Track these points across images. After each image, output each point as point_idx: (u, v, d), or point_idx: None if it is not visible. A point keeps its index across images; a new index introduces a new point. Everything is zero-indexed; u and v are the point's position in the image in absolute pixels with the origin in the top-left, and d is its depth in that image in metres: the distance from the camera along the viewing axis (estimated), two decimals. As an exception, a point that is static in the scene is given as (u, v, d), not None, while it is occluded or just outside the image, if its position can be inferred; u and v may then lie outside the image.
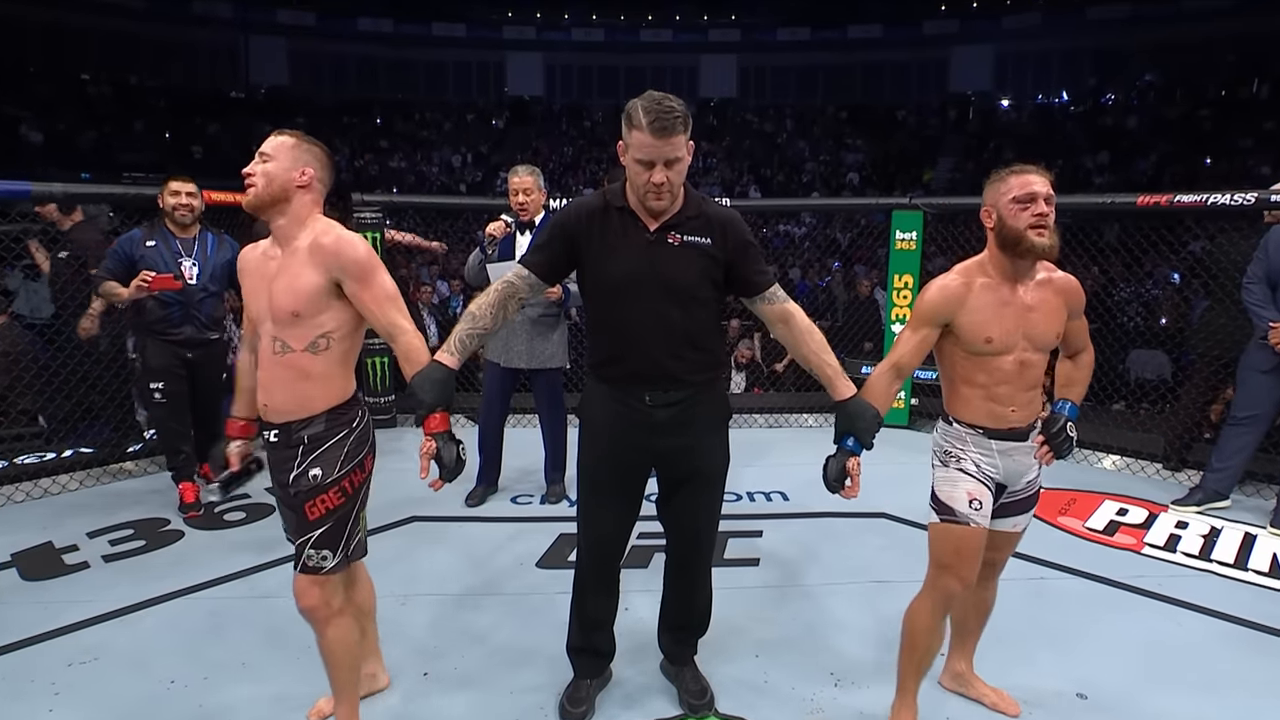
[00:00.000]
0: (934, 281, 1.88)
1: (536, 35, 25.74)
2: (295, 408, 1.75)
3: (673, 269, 1.79)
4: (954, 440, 1.90)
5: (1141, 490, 3.86)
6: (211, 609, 2.61)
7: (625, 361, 1.85)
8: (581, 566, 2.07)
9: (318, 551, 1.77)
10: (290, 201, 1.75)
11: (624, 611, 2.21)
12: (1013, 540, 1.98)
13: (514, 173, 3.55)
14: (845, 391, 1.84)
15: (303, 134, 1.80)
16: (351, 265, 1.72)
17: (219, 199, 4.44)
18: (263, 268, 1.78)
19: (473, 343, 1.82)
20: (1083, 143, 18.72)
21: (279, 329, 1.74)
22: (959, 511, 1.84)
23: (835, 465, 1.83)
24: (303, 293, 1.71)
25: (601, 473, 1.96)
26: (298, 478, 1.75)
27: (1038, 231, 1.73)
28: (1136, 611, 2.66)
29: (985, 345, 1.80)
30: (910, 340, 1.88)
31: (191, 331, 3.41)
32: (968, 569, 1.86)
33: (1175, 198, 3.90)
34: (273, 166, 1.74)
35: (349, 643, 1.86)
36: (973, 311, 1.81)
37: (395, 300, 1.78)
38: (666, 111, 1.67)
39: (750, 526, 3.35)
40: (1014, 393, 1.84)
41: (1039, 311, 1.82)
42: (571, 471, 3.41)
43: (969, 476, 1.86)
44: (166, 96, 20.49)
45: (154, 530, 3.26)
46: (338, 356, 1.78)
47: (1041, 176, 1.75)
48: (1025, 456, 1.89)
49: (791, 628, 2.54)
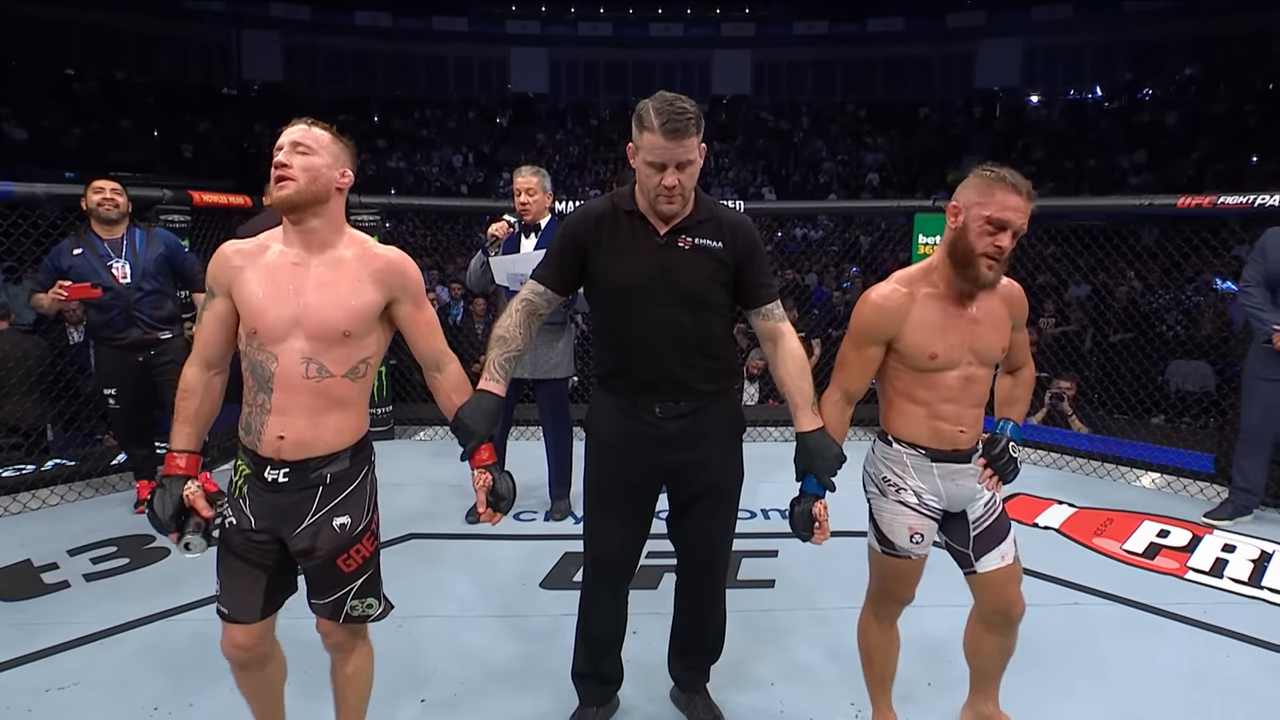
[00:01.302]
0: (872, 292, 1.82)
1: (541, 30, 25.91)
2: (319, 441, 1.60)
3: (684, 273, 1.80)
4: (893, 465, 1.87)
5: (1184, 510, 3.82)
6: (197, 631, 2.60)
7: (634, 371, 1.86)
8: (588, 587, 2.07)
9: (362, 601, 1.71)
10: (329, 203, 1.62)
11: (632, 635, 2.20)
12: (1012, 575, 1.89)
13: (518, 173, 3.58)
14: (808, 424, 1.83)
15: (330, 126, 1.68)
16: (414, 286, 1.68)
17: (211, 201, 4.48)
18: (280, 274, 1.59)
19: (511, 366, 1.86)
20: (1118, 141, 18.64)
21: (319, 350, 1.58)
22: (899, 546, 1.87)
23: (802, 511, 1.82)
24: (360, 311, 1.60)
25: (609, 488, 1.96)
26: (315, 528, 1.62)
27: (988, 263, 1.70)
28: (1180, 641, 2.63)
29: (929, 361, 1.77)
30: (855, 361, 1.84)
31: (138, 334, 3.48)
32: (908, 591, 1.95)
33: (1218, 199, 3.88)
34: (317, 161, 1.60)
35: (370, 668, 1.84)
36: (916, 325, 1.77)
37: (437, 328, 1.76)
38: (679, 113, 1.69)
39: (765, 546, 3.34)
40: (960, 411, 1.81)
41: (985, 324, 1.79)
42: (577, 487, 3.41)
43: (909, 510, 1.85)
44: (155, 93, 20.71)
45: (138, 548, 3.27)
46: (367, 385, 1.69)
47: (1025, 201, 1.69)
48: (969, 479, 1.86)
49: (809, 653, 2.53)
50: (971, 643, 2.02)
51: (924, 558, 1.90)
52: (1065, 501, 3.87)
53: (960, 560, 1.92)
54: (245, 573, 1.65)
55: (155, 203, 4.10)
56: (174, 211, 4.16)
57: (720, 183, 19.40)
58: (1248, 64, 18.84)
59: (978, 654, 2.01)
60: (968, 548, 1.89)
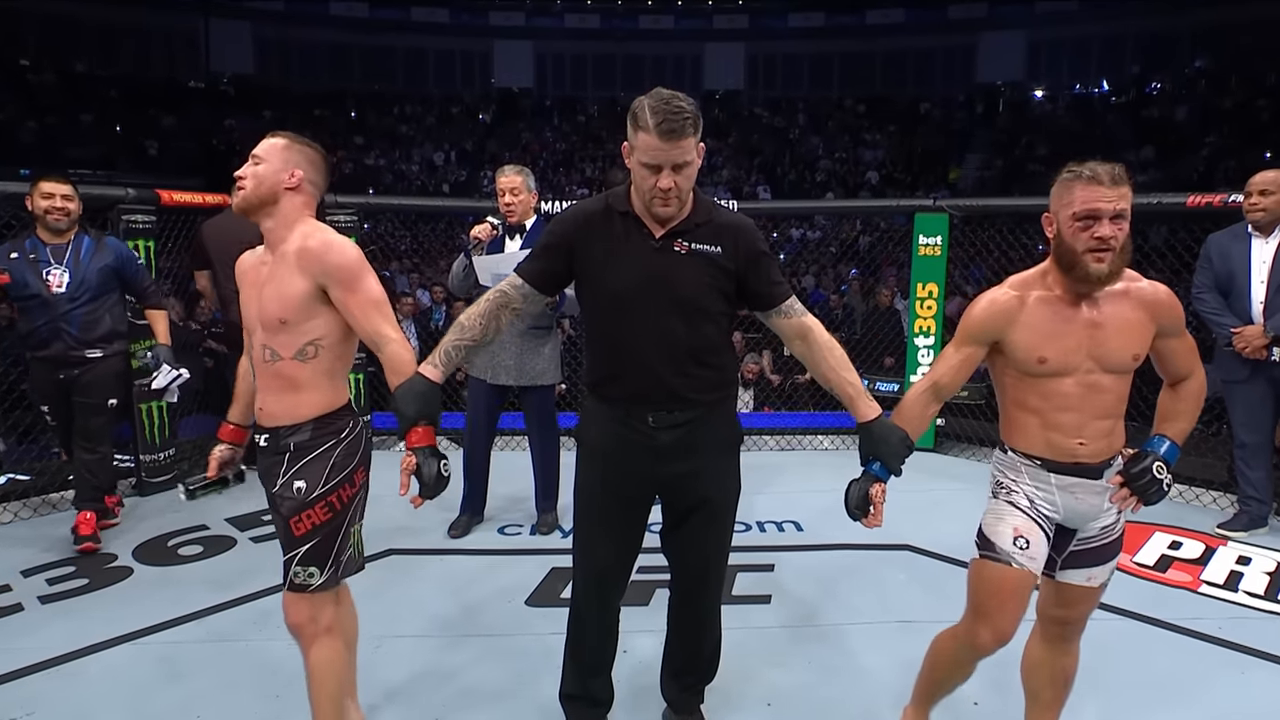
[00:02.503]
0: (984, 294, 1.84)
1: (526, 21, 25.94)
2: (284, 414, 1.86)
3: (679, 279, 1.80)
4: (1007, 470, 1.85)
5: (1196, 521, 3.85)
6: (162, 655, 2.58)
7: (626, 379, 1.86)
8: (576, 604, 2.07)
9: (304, 568, 1.85)
10: (279, 204, 1.85)
11: (623, 654, 2.20)
12: (1089, 596, 1.87)
13: (501, 172, 3.57)
14: (868, 412, 1.84)
15: (296, 135, 1.92)
16: (335, 270, 1.81)
17: (180, 199, 4.45)
18: (256, 274, 1.89)
19: (459, 355, 1.86)
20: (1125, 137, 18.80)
21: (268, 336, 1.84)
22: (1000, 548, 1.78)
23: (858, 490, 1.82)
24: (290, 299, 1.80)
25: (600, 500, 1.97)
26: (283, 488, 1.85)
27: (1096, 257, 1.66)
28: (1194, 658, 2.64)
29: (1039, 366, 1.74)
30: (952, 359, 1.84)
31: (61, 348, 3.34)
32: (1006, 619, 1.77)
33: (1230, 197, 3.91)
34: (263, 168, 1.84)
35: (336, 665, 1.92)
36: (1025, 328, 1.75)
37: (381, 307, 1.85)
38: (675, 112, 1.69)
39: (761, 560, 3.34)
40: (1081, 421, 1.75)
41: (1109, 328, 1.73)
42: (565, 499, 3.40)
43: (1018, 511, 1.80)
44: (117, 86, 20.55)
45: (97, 567, 3.24)
46: (326, 365, 1.87)
47: (1115, 188, 1.66)
48: (1095, 497, 1.79)
49: (807, 673, 2.53)
50: (1027, 657, 1.98)
51: (1028, 574, 1.77)
52: (1073, 512, 3.88)
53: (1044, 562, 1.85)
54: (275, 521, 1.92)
55: (117, 202, 4.05)
56: (138, 211, 4.11)
57: (713, 181, 19.45)
58: (1260, 55, 18.91)
59: (1031, 672, 1.97)
60: (1059, 555, 1.84)
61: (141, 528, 3.66)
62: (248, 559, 3.36)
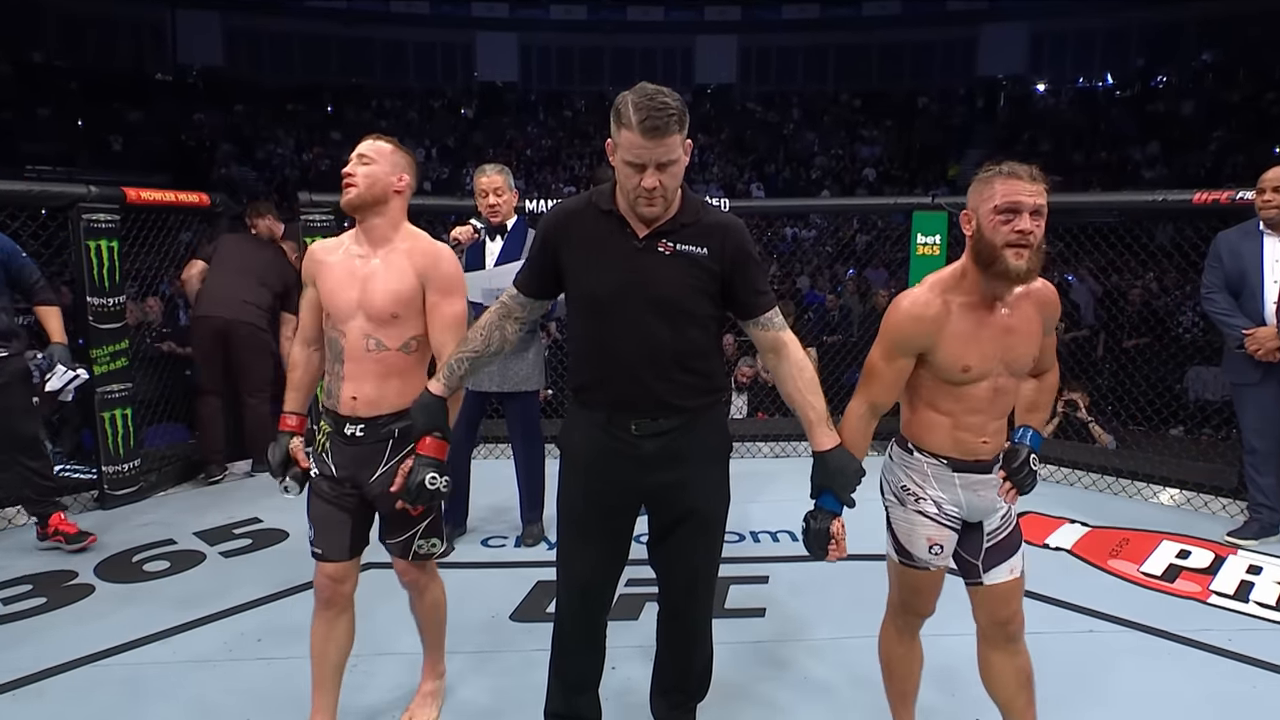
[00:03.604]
0: (904, 299, 1.86)
1: (510, 13, 25.94)
2: (385, 403, 2.07)
3: (662, 281, 1.81)
4: (913, 474, 1.93)
5: (1206, 529, 3.87)
6: (126, 678, 2.56)
7: (608, 385, 1.87)
8: (561, 619, 2.07)
9: (427, 541, 2.17)
10: (388, 204, 2.09)
11: (610, 671, 2.20)
12: (1016, 589, 1.97)
13: (481, 171, 3.57)
14: (826, 442, 1.86)
15: (394, 139, 2.18)
16: (444, 278, 2.08)
17: (148, 198, 4.42)
18: (349, 265, 2.09)
19: (461, 367, 1.95)
20: (1130, 132, 18.95)
21: (375, 327, 2.05)
22: (918, 557, 1.94)
23: (818, 529, 1.86)
24: (404, 295, 2.05)
25: (584, 511, 1.97)
26: (390, 474, 2.05)
27: (1015, 252, 1.71)
28: (1203, 671, 2.65)
29: (961, 374, 1.82)
30: (885, 374, 1.88)
31: None
32: (928, 604, 2.03)
33: (1238, 194, 3.94)
34: (376, 169, 2.08)
35: (442, 604, 2.35)
36: (951, 338, 1.81)
37: (460, 327, 2.09)
38: (659, 109, 1.70)
39: (755, 571, 3.35)
40: (985, 422, 1.87)
41: (1019, 333, 1.84)
42: (550, 510, 3.39)
43: (929, 520, 1.92)
44: (78, 78, 20.32)
45: (56, 585, 3.21)
46: (422, 358, 2.14)
47: (1035, 184, 1.73)
48: (990, 491, 1.92)
49: (803, 688, 2.53)
50: (985, 670, 2.05)
51: (944, 570, 1.97)
52: (1077, 520, 3.91)
53: (966, 571, 1.98)
54: (334, 516, 2.12)
55: (77, 200, 3.99)
56: (100, 210, 4.05)
57: (704, 179, 19.49)
58: (1268, 47, 19.00)
59: (994, 682, 2.04)
60: (978, 559, 1.95)
61: (104, 543, 3.62)
62: (218, 575, 3.34)
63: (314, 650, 2.17)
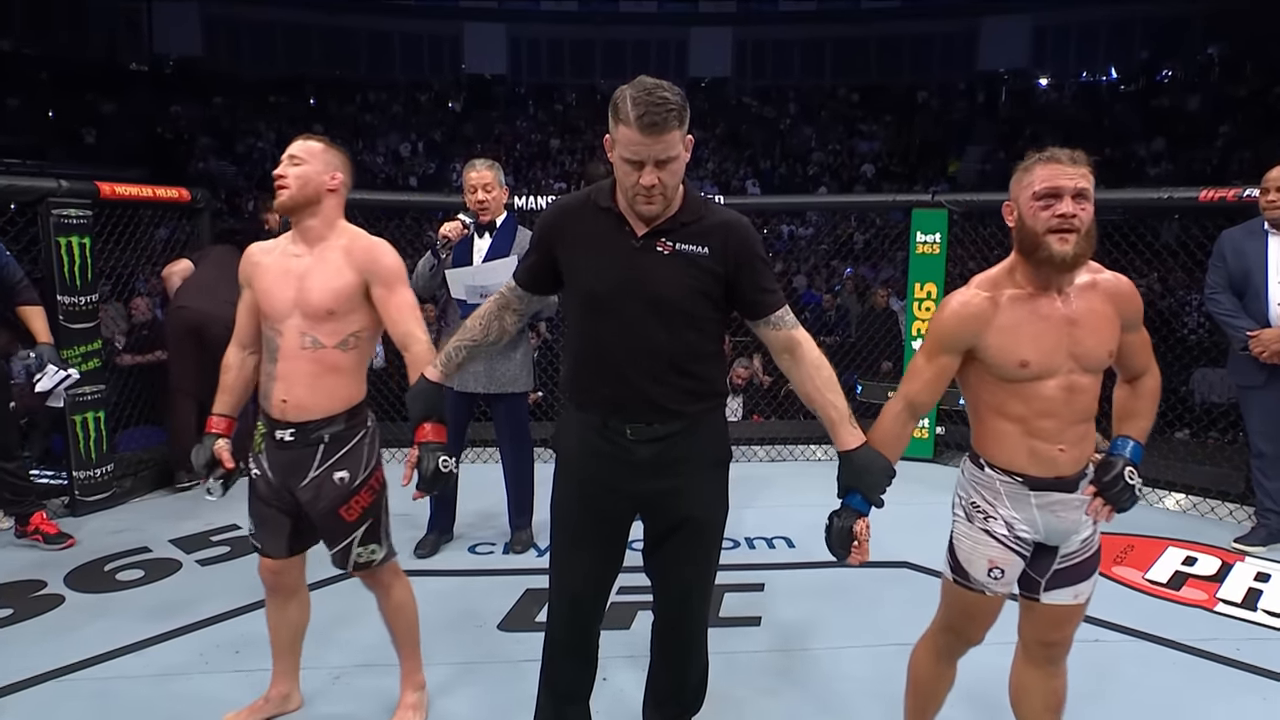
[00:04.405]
0: (952, 297, 1.84)
1: (499, 3, 25.91)
2: (319, 404, 2.12)
3: (660, 281, 1.80)
4: (985, 491, 1.86)
5: (1212, 535, 3.88)
6: (96, 692, 2.54)
7: (602, 387, 1.86)
8: (552, 628, 2.05)
9: (365, 548, 2.19)
10: (321, 203, 2.15)
11: (602, 682, 2.19)
12: (1075, 615, 1.91)
13: (471, 167, 3.56)
14: (850, 441, 1.84)
15: (329, 139, 2.24)
16: (384, 270, 2.13)
17: (124, 193, 4.39)
18: (285, 264, 2.15)
19: (459, 355, 1.97)
20: (1135, 128, 19.04)
21: (311, 325, 2.10)
22: (975, 579, 1.86)
23: (840, 527, 1.83)
24: (340, 291, 2.10)
25: (576, 517, 1.96)
26: (318, 481, 2.12)
27: (1060, 237, 1.68)
28: (1211, 681, 2.66)
29: (1020, 370, 1.75)
30: (925, 372, 1.84)
31: None
32: (977, 633, 1.93)
33: (1245, 191, 3.96)
34: (307, 169, 2.13)
35: (410, 603, 2.36)
36: (1001, 331, 1.76)
37: (415, 311, 2.17)
38: (658, 104, 1.68)
39: (750, 579, 3.34)
40: (1061, 427, 1.77)
41: (1085, 324, 1.76)
42: (540, 515, 3.39)
43: (994, 541, 1.83)
44: (49, 67, 20.15)
45: (23, 595, 3.18)
46: (360, 357, 2.19)
47: (1077, 166, 1.70)
48: (1074, 512, 1.81)
49: (800, 700, 2.53)
50: (1016, 686, 2.01)
51: (1002, 597, 1.87)
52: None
53: (1025, 584, 1.90)
54: (271, 516, 2.20)
55: (46, 195, 3.95)
56: (71, 206, 4.01)
57: (699, 175, 19.50)
58: (1276, 41, 19.12)
59: (1022, 701, 2.00)
60: (1042, 577, 1.87)
61: (75, 551, 3.60)
62: (194, 584, 3.32)
63: (270, 628, 2.36)
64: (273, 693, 2.38)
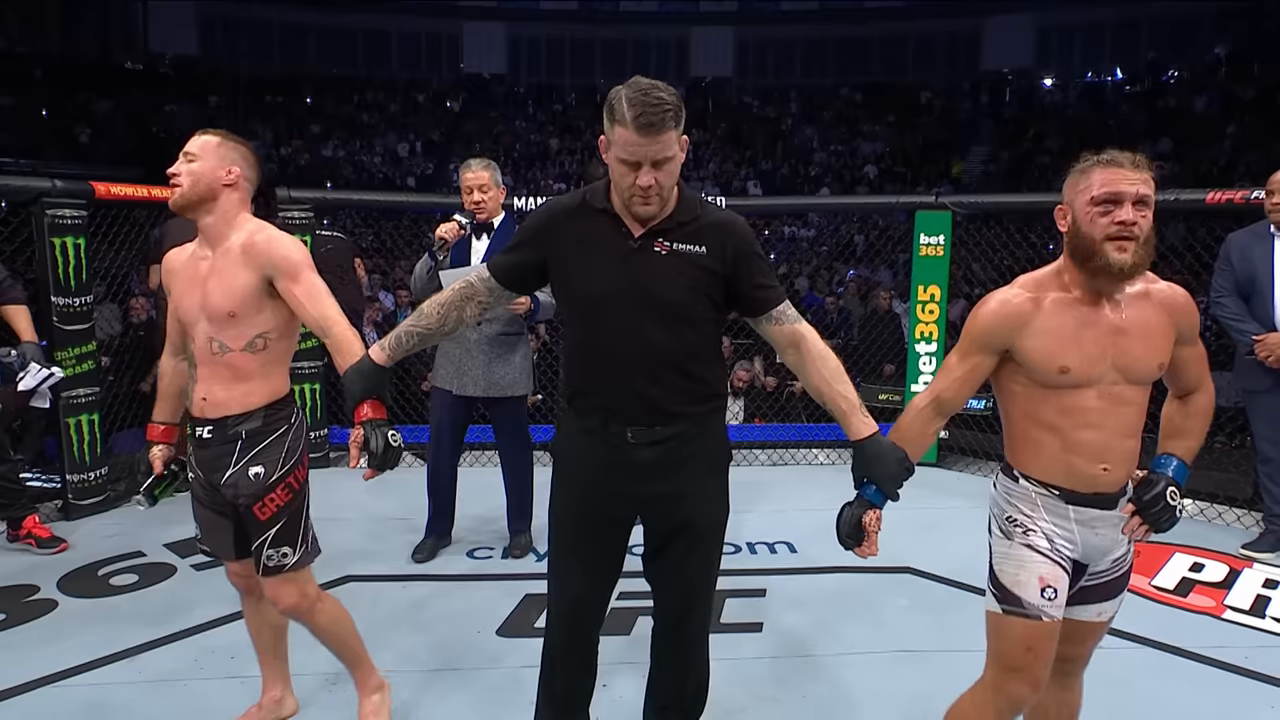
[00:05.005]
0: (992, 295, 1.78)
1: (498, 2, 25.95)
2: (235, 400, 2.08)
3: (658, 282, 1.80)
4: (1020, 503, 1.78)
5: (1219, 541, 3.88)
6: (89, 699, 2.54)
7: (602, 390, 1.86)
8: (551, 634, 2.06)
9: (277, 550, 2.10)
10: (218, 200, 2.07)
11: (602, 689, 2.19)
12: (1096, 631, 1.86)
13: (467, 167, 3.57)
14: (863, 430, 1.83)
15: (228, 133, 2.14)
16: (282, 262, 2.04)
17: (119, 193, 4.39)
18: (193, 268, 2.10)
19: (410, 341, 1.92)
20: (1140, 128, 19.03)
21: (215, 329, 2.05)
22: (1028, 602, 1.71)
23: (851, 517, 1.80)
24: (238, 293, 2.03)
25: (576, 522, 1.96)
26: (236, 477, 2.07)
27: (1118, 245, 1.61)
28: (1219, 690, 2.66)
29: (1059, 376, 1.68)
30: (957, 370, 1.79)
31: None
32: (1041, 669, 1.74)
33: (1252, 193, 3.96)
34: (199, 166, 2.05)
35: (342, 620, 2.27)
36: (1041, 333, 1.69)
37: (327, 294, 2.07)
38: (654, 104, 1.69)
39: (752, 584, 3.34)
40: (1105, 441, 1.69)
41: (1133, 334, 1.69)
42: (540, 520, 3.38)
43: (1040, 556, 1.72)
44: (43, 65, 20.21)
45: (16, 600, 3.18)
46: (275, 355, 2.12)
47: (1138, 171, 1.63)
48: (1112, 529, 1.74)
49: (801, 708, 2.53)
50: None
51: (1058, 624, 1.73)
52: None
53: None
54: (211, 518, 2.19)
55: (40, 195, 3.95)
56: (65, 206, 4.01)
57: (700, 176, 19.53)
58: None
59: (1035, 713, 1.94)
60: (1067, 592, 1.79)
61: (68, 555, 3.60)
62: (189, 589, 3.31)
63: (250, 631, 2.35)
64: (266, 699, 2.37)
